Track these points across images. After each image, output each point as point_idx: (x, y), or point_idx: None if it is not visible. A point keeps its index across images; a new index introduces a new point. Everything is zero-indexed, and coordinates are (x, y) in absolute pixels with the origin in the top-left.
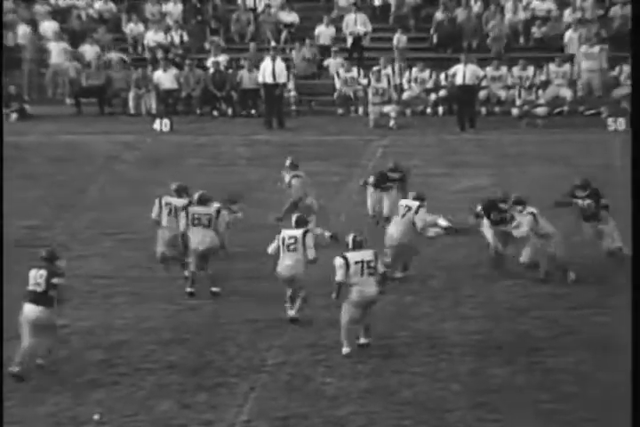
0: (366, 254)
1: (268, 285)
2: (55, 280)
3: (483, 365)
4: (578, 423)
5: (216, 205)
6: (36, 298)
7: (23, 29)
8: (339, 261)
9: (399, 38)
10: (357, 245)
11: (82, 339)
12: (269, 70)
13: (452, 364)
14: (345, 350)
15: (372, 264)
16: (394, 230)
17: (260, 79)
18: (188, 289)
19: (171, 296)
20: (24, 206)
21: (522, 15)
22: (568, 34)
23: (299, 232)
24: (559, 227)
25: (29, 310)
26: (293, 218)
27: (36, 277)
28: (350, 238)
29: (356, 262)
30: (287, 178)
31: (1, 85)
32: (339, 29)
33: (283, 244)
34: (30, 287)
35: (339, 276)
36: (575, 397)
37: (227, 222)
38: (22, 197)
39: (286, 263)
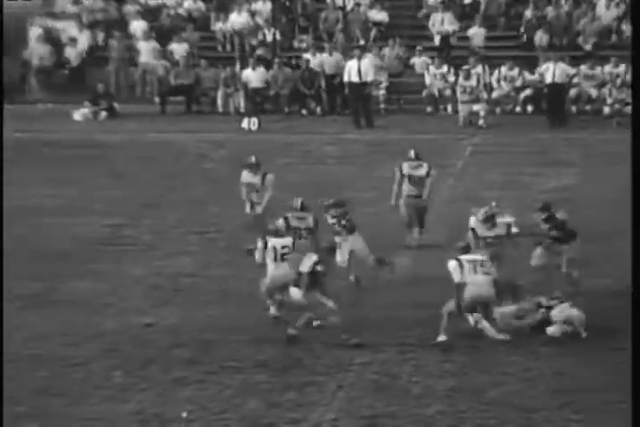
0: (478, 256)
1: (351, 284)
2: (319, 267)
3: (570, 364)
4: None
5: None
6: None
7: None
8: (452, 263)
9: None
10: (466, 250)
11: (168, 337)
12: (355, 69)
13: (539, 363)
14: (440, 337)
15: (486, 264)
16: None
17: (346, 78)
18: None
19: (257, 294)
20: (110, 205)
21: (614, 12)
22: None
23: (289, 241)
24: None
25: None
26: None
27: (308, 260)
28: (459, 245)
29: (469, 261)
30: (423, 170)
31: (1, 82)
32: (426, 28)
33: (274, 253)
34: (300, 268)
35: (456, 278)
36: None
37: None
38: (109, 195)
39: (278, 273)
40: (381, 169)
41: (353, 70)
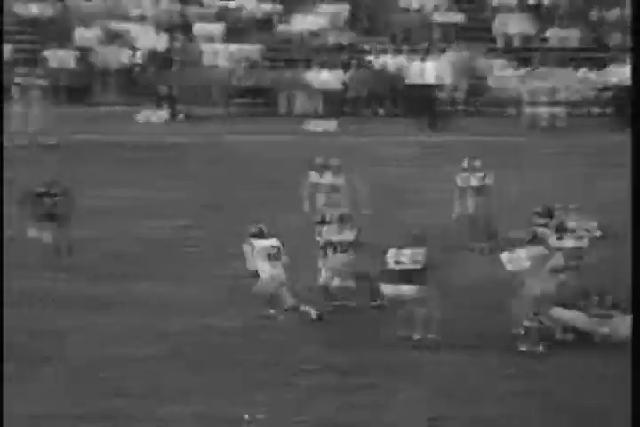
0: (539, 250)
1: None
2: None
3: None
4: None
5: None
6: (406, 276)
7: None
8: (507, 255)
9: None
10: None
11: (236, 338)
12: (425, 71)
13: (606, 365)
14: (538, 348)
15: (548, 258)
16: None
17: (416, 80)
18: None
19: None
20: (176, 207)
21: None
22: None
23: (277, 242)
24: None
25: (389, 290)
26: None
27: (414, 255)
28: (515, 234)
29: (530, 257)
30: (480, 179)
31: (1, 81)
32: (496, 29)
33: (267, 254)
34: (391, 266)
35: (509, 267)
36: None
37: None
38: (174, 197)
39: (277, 271)
40: (451, 171)
41: (422, 72)
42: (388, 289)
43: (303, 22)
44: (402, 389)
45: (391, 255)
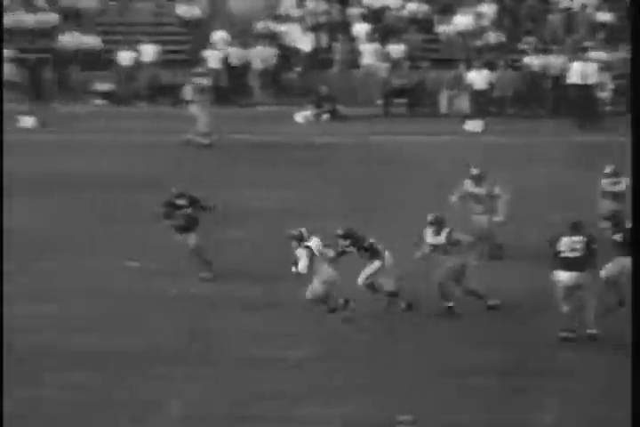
0: None
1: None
2: (595, 246)
3: None
4: None
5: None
6: (569, 264)
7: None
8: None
9: None
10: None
11: (389, 340)
12: (580, 71)
13: None
14: None
15: None
16: None
17: (571, 80)
18: None
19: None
20: (328, 208)
21: None
22: None
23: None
24: None
25: (564, 277)
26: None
27: (572, 244)
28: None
29: None
30: (622, 185)
31: (1, 83)
32: None
33: (321, 255)
34: (564, 254)
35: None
36: None
37: None
38: (327, 198)
39: (332, 271)
40: (600, 172)
41: (578, 72)
42: (561, 276)
43: (462, 22)
44: (554, 391)
45: (563, 243)
